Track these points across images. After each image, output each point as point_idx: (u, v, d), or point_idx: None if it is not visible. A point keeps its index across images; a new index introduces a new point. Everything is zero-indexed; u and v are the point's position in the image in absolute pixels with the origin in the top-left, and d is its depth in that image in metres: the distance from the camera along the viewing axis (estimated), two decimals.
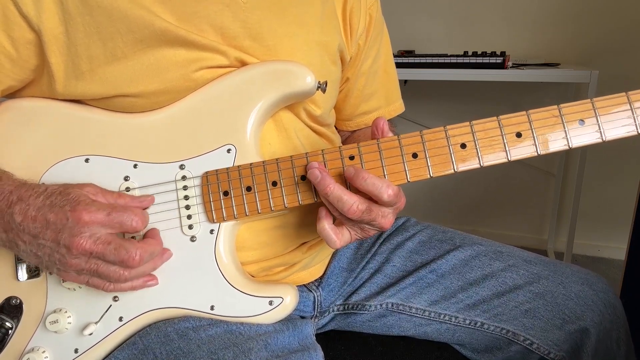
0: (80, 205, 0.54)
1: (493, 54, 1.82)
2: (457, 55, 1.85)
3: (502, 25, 2.15)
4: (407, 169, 0.59)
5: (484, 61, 1.82)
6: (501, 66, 1.80)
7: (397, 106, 0.91)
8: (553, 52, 2.09)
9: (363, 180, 0.57)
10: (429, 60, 1.89)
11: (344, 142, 0.89)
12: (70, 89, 0.61)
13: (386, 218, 0.59)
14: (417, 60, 1.92)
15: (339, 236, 0.60)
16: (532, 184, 2.31)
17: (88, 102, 0.64)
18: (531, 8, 2.09)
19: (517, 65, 1.88)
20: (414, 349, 0.78)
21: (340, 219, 0.60)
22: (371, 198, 0.58)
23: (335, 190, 0.57)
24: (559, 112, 0.58)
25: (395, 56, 1.93)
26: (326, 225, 0.59)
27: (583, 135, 0.57)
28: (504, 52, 1.83)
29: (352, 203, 0.56)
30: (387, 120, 0.89)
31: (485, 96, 2.24)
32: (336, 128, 0.87)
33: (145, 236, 0.61)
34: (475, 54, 1.84)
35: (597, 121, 0.57)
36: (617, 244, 2.20)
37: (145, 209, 0.62)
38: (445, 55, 1.88)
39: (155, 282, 0.62)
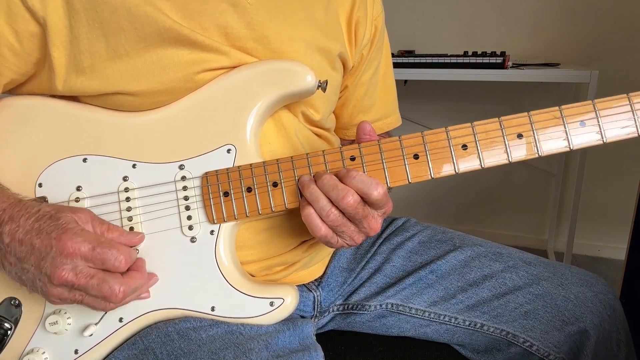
0: (66, 235, 0.53)
1: (493, 54, 1.82)
2: (457, 55, 1.85)
3: (502, 25, 2.15)
4: (408, 169, 0.59)
5: (484, 61, 1.82)
6: (501, 66, 1.80)
7: (394, 119, 0.91)
8: (553, 52, 2.09)
9: (352, 178, 0.56)
10: (429, 60, 1.89)
11: None
12: (70, 84, 0.61)
13: (376, 220, 0.59)
14: (417, 60, 1.92)
15: (324, 224, 0.58)
16: (532, 184, 2.31)
17: (86, 100, 0.64)
18: (531, 8, 2.09)
19: (517, 65, 1.88)
20: (414, 349, 0.78)
21: (331, 220, 0.58)
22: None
23: (332, 179, 0.56)
24: (560, 113, 0.58)
25: (395, 56, 1.94)
26: (312, 210, 0.58)
27: (584, 137, 0.57)
28: (504, 52, 1.83)
29: (347, 190, 0.55)
30: (386, 133, 0.89)
31: (485, 96, 2.24)
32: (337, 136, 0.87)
33: (130, 268, 0.59)
34: (475, 54, 1.84)
35: (598, 122, 0.57)
36: (617, 244, 2.20)
37: (133, 246, 0.61)
38: (445, 55, 1.88)
39: (147, 295, 0.61)
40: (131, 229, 0.63)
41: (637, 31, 1.97)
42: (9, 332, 0.61)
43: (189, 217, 0.63)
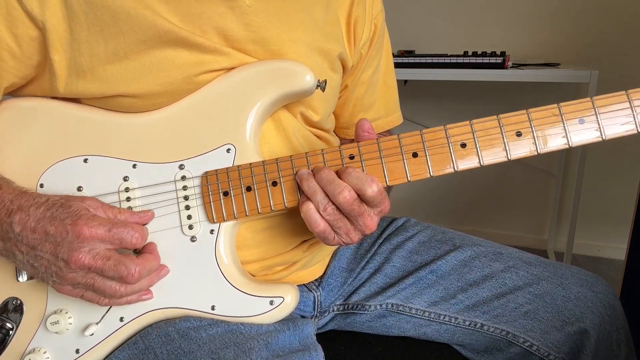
0: (82, 220, 0.54)
1: (493, 54, 1.82)
2: (457, 55, 1.86)
3: (502, 25, 2.15)
4: (407, 168, 0.59)
5: (484, 61, 1.82)
6: (501, 66, 1.80)
7: (395, 117, 0.91)
8: (553, 52, 2.09)
9: (349, 174, 0.57)
10: (429, 60, 1.89)
11: None
12: (71, 87, 0.61)
13: (372, 219, 0.59)
14: (417, 60, 1.92)
15: (323, 220, 0.58)
16: (532, 183, 2.31)
17: (87, 102, 0.64)
18: (531, 8, 2.09)
19: (517, 65, 1.88)
20: (414, 349, 0.78)
21: (328, 214, 0.58)
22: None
23: (330, 173, 0.57)
24: (559, 110, 0.58)
25: (395, 56, 1.93)
26: (311, 206, 0.58)
27: (583, 134, 0.57)
28: (504, 52, 1.83)
29: (343, 186, 0.56)
30: (387, 131, 0.89)
31: (485, 96, 2.24)
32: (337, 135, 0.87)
33: (142, 251, 0.61)
34: (475, 54, 1.84)
35: (597, 119, 0.57)
36: (617, 244, 2.20)
37: (145, 224, 0.62)
38: (445, 55, 1.88)
39: (150, 296, 0.62)
40: None
41: (637, 31, 1.98)
42: (10, 332, 0.62)
43: (189, 217, 0.63)
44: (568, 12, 2.05)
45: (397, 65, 1.89)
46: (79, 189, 0.63)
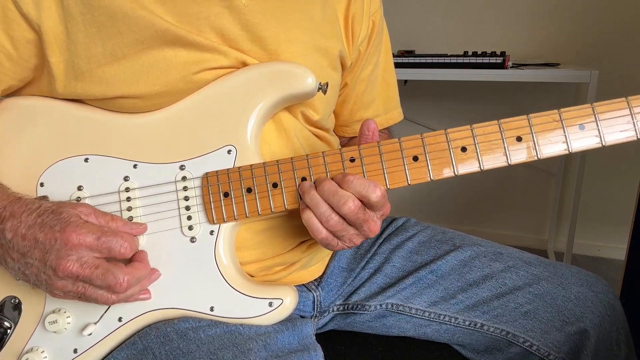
0: (70, 227, 0.54)
1: (493, 54, 1.82)
2: (457, 55, 1.85)
3: (502, 25, 2.15)
4: (407, 171, 0.59)
5: (484, 61, 1.82)
6: (501, 66, 1.80)
7: (396, 114, 0.91)
8: (553, 52, 2.09)
9: (350, 182, 0.56)
10: (429, 60, 1.89)
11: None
12: (70, 89, 0.61)
13: (375, 223, 0.59)
14: (417, 60, 1.92)
15: (323, 228, 0.58)
16: (532, 184, 2.31)
17: (89, 102, 0.64)
18: (531, 7, 2.09)
19: (517, 65, 1.88)
20: (414, 349, 0.78)
21: (331, 226, 0.58)
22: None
23: (332, 185, 0.57)
24: (560, 116, 0.58)
25: (395, 56, 1.93)
26: (312, 214, 0.58)
27: (583, 140, 0.58)
28: (504, 52, 1.83)
29: (347, 196, 0.56)
30: (386, 128, 0.89)
31: (485, 96, 2.24)
32: (335, 133, 0.87)
33: (132, 259, 0.60)
34: (475, 54, 1.84)
35: (597, 126, 0.57)
36: (617, 244, 2.20)
37: (136, 235, 0.61)
38: (445, 55, 1.88)
39: (148, 296, 0.62)
40: None
41: (637, 31, 1.97)
42: (8, 330, 0.62)
43: (189, 218, 0.63)
44: (568, 12, 2.05)
45: (397, 65, 1.88)
46: (79, 188, 0.63)
